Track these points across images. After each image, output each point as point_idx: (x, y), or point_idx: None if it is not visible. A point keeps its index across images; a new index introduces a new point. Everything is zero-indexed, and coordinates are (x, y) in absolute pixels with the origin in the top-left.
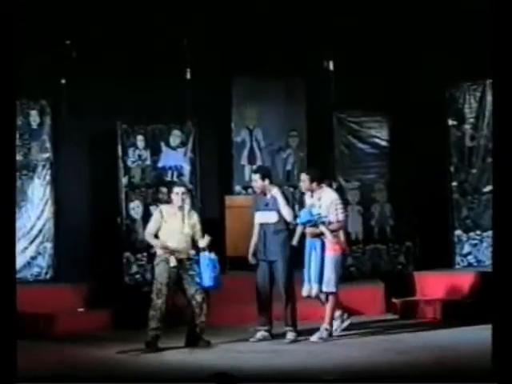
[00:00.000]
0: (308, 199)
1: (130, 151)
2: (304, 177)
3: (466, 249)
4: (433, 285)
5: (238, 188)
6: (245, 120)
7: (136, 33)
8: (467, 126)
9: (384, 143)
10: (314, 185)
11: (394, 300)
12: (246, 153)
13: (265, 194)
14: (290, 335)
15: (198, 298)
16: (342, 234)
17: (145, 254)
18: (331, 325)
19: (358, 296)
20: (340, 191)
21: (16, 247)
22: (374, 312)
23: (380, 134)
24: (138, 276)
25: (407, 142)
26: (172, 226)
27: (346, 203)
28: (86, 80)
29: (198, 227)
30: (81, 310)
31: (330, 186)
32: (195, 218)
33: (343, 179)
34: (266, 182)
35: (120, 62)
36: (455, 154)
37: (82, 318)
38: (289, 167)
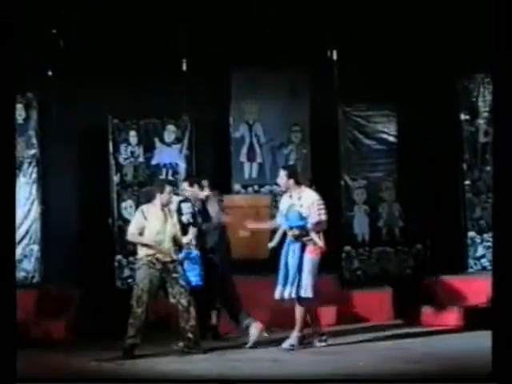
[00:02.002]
0: (286, 199)
1: (122, 148)
2: (281, 173)
3: (480, 251)
4: (444, 290)
5: (237, 187)
6: (244, 114)
7: (128, 21)
8: (481, 121)
9: (392, 139)
10: (291, 182)
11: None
12: (245, 149)
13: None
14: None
15: (184, 301)
16: (321, 236)
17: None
18: (302, 331)
19: (365, 302)
20: (345, 190)
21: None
22: (381, 319)
23: (388, 129)
24: (130, 280)
25: (417, 138)
26: (155, 226)
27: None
28: (75, 72)
29: (178, 227)
30: None
31: (310, 186)
32: (175, 217)
33: (349, 177)
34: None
35: (111, 52)
36: (468, 150)
37: (70, 324)
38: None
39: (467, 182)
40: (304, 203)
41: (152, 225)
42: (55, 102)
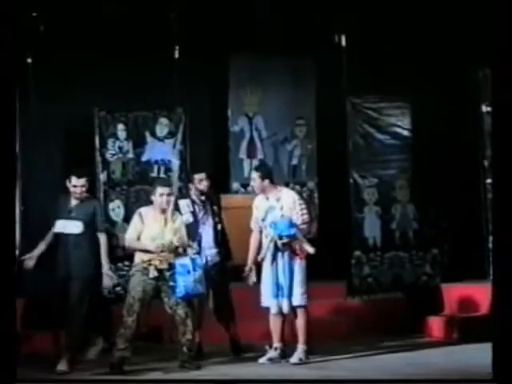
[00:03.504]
0: (263, 202)
1: (110, 143)
2: (254, 174)
3: None
4: (463, 299)
5: (235, 185)
6: (243, 106)
7: (116, 4)
8: None
9: (406, 133)
10: (266, 183)
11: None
12: (244, 145)
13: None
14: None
15: (181, 312)
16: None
17: (127, 262)
18: (307, 343)
19: (376, 311)
20: (355, 189)
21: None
22: (394, 330)
23: (401, 123)
24: (118, 288)
25: (433, 132)
26: (152, 231)
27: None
28: (57, 59)
29: (183, 233)
30: None
31: (287, 185)
32: (179, 222)
33: (358, 175)
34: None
35: (97, 37)
36: (490, 145)
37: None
38: (295, 161)
39: (489, 181)
40: (284, 204)
41: (148, 229)
42: (35, 92)
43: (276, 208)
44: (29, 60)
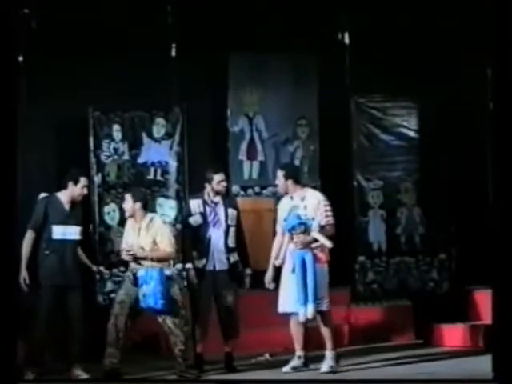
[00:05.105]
0: (287, 202)
1: (105, 144)
2: (279, 173)
3: None
4: (472, 305)
5: (235, 188)
6: (243, 106)
7: (112, 0)
8: None
9: (412, 134)
10: (290, 183)
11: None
12: (244, 146)
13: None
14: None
15: (169, 322)
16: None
17: (122, 268)
18: (335, 349)
19: (382, 319)
20: (359, 192)
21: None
22: (400, 338)
23: (408, 123)
24: (113, 295)
25: (441, 133)
26: (129, 239)
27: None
28: (50, 57)
29: (164, 239)
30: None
31: (314, 187)
32: (156, 227)
33: (363, 177)
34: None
35: (91, 34)
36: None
37: None
38: (297, 163)
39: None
40: (308, 205)
41: (127, 237)
42: (26, 91)
43: (300, 207)
44: (20, 58)
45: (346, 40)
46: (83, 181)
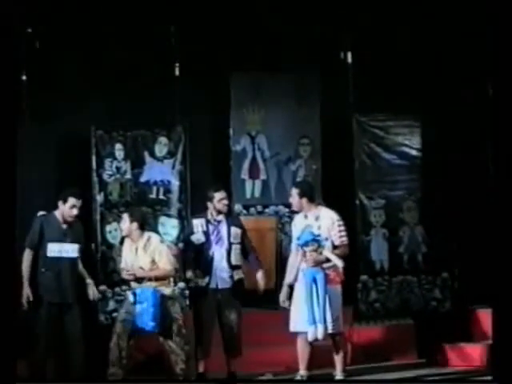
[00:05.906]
0: (301, 220)
1: (107, 163)
2: (293, 191)
3: None
4: (475, 325)
5: (237, 207)
6: (245, 125)
7: (114, 19)
8: None
9: (415, 152)
10: (304, 201)
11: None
12: (246, 165)
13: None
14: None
15: (170, 341)
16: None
17: (124, 287)
18: (345, 371)
19: (384, 338)
20: (361, 211)
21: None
22: (403, 357)
23: (410, 142)
24: (116, 314)
25: (443, 151)
26: (128, 259)
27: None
28: (53, 76)
29: (163, 258)
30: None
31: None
32: (154, 246)
33: (365, 196)
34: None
35: (94, 54)
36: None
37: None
38: None
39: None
40: (322, 224)
41: (126, 257)
42: (29, 110)
43: (313, 227)
44: (24, 77)
45: (349, 59)
46: (71, 201)
